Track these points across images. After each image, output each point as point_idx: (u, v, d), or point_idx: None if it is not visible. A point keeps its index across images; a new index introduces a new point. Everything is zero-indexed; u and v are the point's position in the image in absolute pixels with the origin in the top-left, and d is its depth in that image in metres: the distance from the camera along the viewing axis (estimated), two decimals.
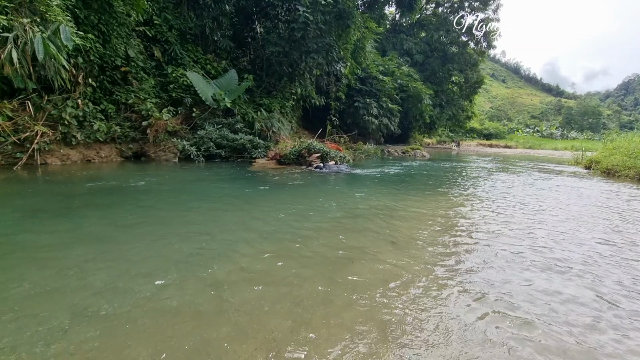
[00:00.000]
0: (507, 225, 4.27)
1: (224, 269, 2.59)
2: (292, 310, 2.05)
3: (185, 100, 10.86)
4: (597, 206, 5.76)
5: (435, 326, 1.96)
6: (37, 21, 6.73)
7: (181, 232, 3.41)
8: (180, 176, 7.32)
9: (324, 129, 16.65)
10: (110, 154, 9.14)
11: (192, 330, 1.81)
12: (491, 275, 2.71)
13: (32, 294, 2.12)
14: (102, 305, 2.02)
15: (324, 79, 16.92)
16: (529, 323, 2.04)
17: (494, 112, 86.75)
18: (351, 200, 5.41)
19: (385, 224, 4.06)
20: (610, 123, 77.60)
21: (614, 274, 2.84)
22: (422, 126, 28.15)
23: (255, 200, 5.14)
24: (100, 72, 9.29)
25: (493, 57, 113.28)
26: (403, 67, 24.30)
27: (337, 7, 12.61)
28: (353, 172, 9.20)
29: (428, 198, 5.97)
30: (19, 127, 7.36)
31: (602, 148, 13.61)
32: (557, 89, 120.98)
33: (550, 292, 2.46)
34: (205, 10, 11.93)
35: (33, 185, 5.66)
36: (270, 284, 2.39)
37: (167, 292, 2.20)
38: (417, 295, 2.32)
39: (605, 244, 3.66)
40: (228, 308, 2.05)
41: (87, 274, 2.42)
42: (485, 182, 8.60)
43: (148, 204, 4.55)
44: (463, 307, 2.20)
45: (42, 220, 3.66)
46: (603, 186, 8.36)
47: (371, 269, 2.71)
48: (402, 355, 1.70)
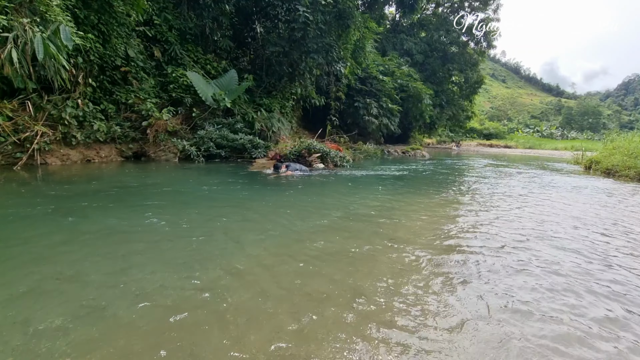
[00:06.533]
0: (507, 225, 4.27)
1: (221, 269, 2.58)
2: (292, 310, 2.05)
3: (185, 100, 10.86)
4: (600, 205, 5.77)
5: (434, 328, 1.96)
6: (37, 21, 6.73)
7: (181, 232, 3.41)
8: (180, 176, 7.31)
9: (324, 129, 16.65)
10: (110, 154, 9.14)
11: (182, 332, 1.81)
12: (492, 278, 2.70)
13: (33, 293, 2.12)
14: (104, 305, 2.02)
15: (324, 79, 16.91)
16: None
17: (494, 112, 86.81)
18: (351, 201, 5.40)
19: (384, 224, 4.05)
20: (610, 123, 77.62)
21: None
22: (422, 126, 28.18)
23: (255, 200, 5.13)
24: (100, 72, 9.29)
25: (493, 57, 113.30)
26: (403, 67, 24.31)
27: (337, 7, 12.62)
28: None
29: (428, 198, 5.96)
30: (19, 127, 7.36)
31: (602, 148, 13.58)
32: (557, 89, 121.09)
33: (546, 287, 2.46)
34: (205, 10, 11.93)
35: (33, 185, 5.65)
36: (269, 284, 2.39)
37: (167, 292, 2.20)
38: (417, 295, 2.32)
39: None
40: (225, 309, 2.04)
41: (87, 274, 2.41)
42: (485, 182, 8.59)
43: (147, 205, 4.55)
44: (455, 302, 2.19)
45: (42, 220, 3.66)
46: (604, 185, 8.36)
47: (371, 269, 2.71)
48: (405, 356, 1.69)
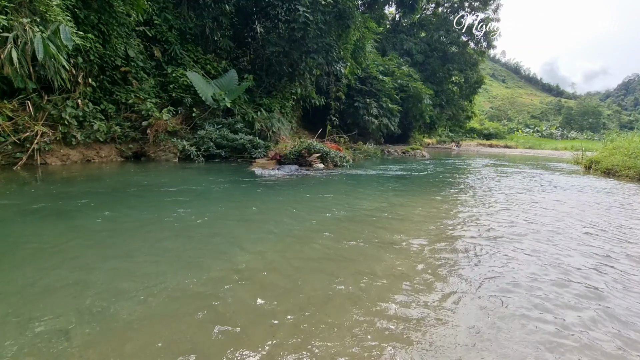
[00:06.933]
0: (506, 225, 4.27)
1: (221, 269, 2.59)
2: (292, 309, 2.05)
3: (185, 100, 10.85)
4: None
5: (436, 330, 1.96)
6: (37, 21, 6.73)
7: (180, 233, 3.41)
8: (180, 176, 7.31)
9: (324, 129, 16.65)
10: (110, 154, 9.14)
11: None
12: (493, 280, 2.70)
13: (32, 293, 2.12)
14: (105, 304, 2.02)
15: (324, 79, 16.91)
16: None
17: (494, 112, 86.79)
18: (350, 200, 5.40)
19: (384, 225, 4.05)
20: (610, 123, 77.66)
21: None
22: (422, 126, 28.18)
23: (255, 200, 5.14)
24: (100, 72, 9.29)
25: (493, 57, 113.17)
26: (403, 67, 24.31)
27: (337, 7, 12.62)
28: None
29: (428, 198, 5.96)
30: (19, 127, 7.35)
31: (602, 148, 13.58)
32: (557, 89, 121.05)
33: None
34: (205, 10, 11.93)
35: (33, 185, 5.65)
36: (270, 284, 2.39)
37: (167, 292, 2.20)
38: (417, 295, 2.33)
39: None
40: (225, 310, 2.04)
41: (87, 273, 2.41)
42: (485, 182, 8.59)
43: (146, 205, 4.55)
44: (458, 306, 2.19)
45: (40, 220, 3.66)
46: (604, 185, 8.36)
47: (371, 269, 2.71)
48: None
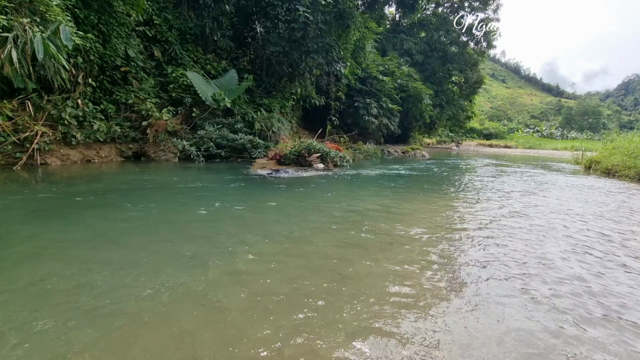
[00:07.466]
0: (506, 225, 4.27)
1: (221, 270, 2.58)
2: (292, 309, 2.05)
3: (185, 100, 10.85)
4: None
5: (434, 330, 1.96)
6: (37, 21, 6.72)
7: (180, 233, 3.41)
8: (180, 176, 7.31)
9: (324, 129, 16.65)
10: (110, 154, 9.14)
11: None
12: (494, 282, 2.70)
13: (32, 293, 2.12)
14: (106, 304, 2.02)
15: (324, 79, 16.91)
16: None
17: (494, 112, 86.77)
18: (350, 200, 5.40)
19: (384, 225, 4.05)
20: (610, 123, 77.61)
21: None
22: (422, 126, 28.15)
23: (255, 200, 5.13)
24: (100, 72, 9.29)
25: (493, 57, 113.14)
26: (403, 67, 24.28)
27: (337, 7, 12.61)
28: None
29: (428, 198, 5.96)
30: (18, 127, 7.35)
31: (602, 148, 13.57)
32: (557, 89, 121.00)
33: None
34: (205, 10, 11.93)
35: (33, 185, 5.65)
36: (270, 284, 2.39)
37: (167, 292, 2.20)
38: (418, 296, 2.32)
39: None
40: (224, 310, 2.04)
41: (88, 273, 2.41)
42: (485, 182, 8.59)
43: (146, 205, 4.55)
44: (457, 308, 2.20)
45: (40, 220, 3.66)
46: (603, 185, 8.36)
47: (372, 269, 2.70)
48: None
